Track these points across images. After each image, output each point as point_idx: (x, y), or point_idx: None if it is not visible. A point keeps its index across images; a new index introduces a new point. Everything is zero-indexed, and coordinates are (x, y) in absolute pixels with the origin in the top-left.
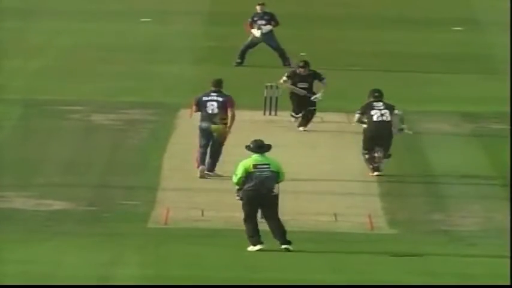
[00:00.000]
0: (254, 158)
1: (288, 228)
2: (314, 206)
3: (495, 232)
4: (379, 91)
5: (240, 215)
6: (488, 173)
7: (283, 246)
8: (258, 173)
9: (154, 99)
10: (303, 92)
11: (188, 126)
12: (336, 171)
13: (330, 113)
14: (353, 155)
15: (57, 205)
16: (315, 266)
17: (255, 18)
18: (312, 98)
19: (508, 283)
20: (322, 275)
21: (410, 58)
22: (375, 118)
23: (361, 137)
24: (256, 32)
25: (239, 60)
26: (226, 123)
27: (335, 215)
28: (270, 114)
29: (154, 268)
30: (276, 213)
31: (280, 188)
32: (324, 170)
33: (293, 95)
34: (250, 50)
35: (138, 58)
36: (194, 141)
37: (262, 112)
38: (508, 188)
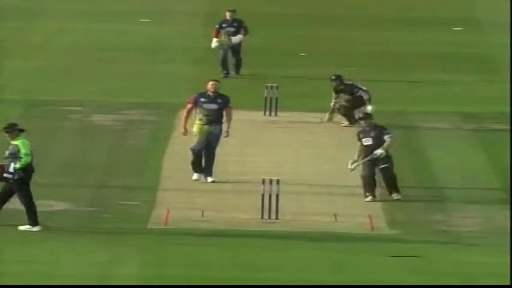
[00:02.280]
0: (23, 138)
1: (288, 228)
2: (314, 206)
3: (495, 232)
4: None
5: (241, 215)
6: (488, 173)
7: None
8: (32, 153)
9: (154, 99)
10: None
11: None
12: (336, 172)
13: None
14: (353, 155)
15: (57, 205)
16: (315, 266)
17: (224, 25)
18: (375, 153)
19: (508, 283)
20: (322, 275)
21: (410, 58)
22: None
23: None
24: (213, 43)
25: (225, 71)
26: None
27: (335, 215)
28: (270, 114)
29: (154, 268)
30: None
31: (281, 189)
32: (324, 170)
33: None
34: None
35: (138, 58)
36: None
37: (262, 112)
38: (508, 189)
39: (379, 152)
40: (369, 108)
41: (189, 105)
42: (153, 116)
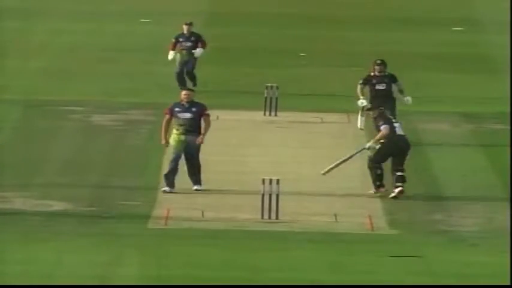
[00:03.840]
0: None
1: (288, 228)
2: (314, 206)
3: (495, 232)
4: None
5: (241, 215)
6: (488, 173)
7: None
8: None
9: (154, 99)
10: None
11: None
12: (336, 172)
13: (330, 113)
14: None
15: (57, 205)
16: (315, 266)
17: (181, 39)
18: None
19: (508, 283)
20: (322, 275)
21: (411, 58)
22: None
23: (359, 137)
24: (170, 55)
25: (181, 86)
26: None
27: (335, 215)
28: (270, 114)
29: (155, 268)
30: None
31: (281, 189)
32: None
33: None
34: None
35: (138, 59)
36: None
37: (262, 112)
38: (508, 188)
39: (367, 145)
40: (409, 99)
41: (166, 116)
42: (153, 116)
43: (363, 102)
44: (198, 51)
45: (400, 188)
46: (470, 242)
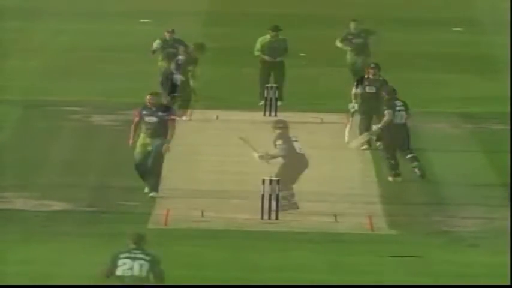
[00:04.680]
0: None
1: (288, 228)
2: (314, 206)
3: (495, 233)
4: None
5: (241, 215)
6: (488, 174)
7: None
8: None
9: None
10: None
11: (187, 126)
12: (336, 172)
13: (329, 113)
14: (353, 155)
15: (57, 206)
16: (315, 266)
17: (164, 46)
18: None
19: (508, 283)
20: (322, 275)
21: (411, 58)
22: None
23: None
24: (155, 44)
25: (168, 94)
26: None
27: (335, 215)
28: (270, 114)
29: None
30: None
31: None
32: (323, 171)
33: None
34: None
35: (138, 59)
36: (193, 141)
37: (262, 113)
38: (508, 189)
39: (373, 127)
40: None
41: (136, 119)
42: None
43: (354, 106)
44: (181, 59)
45: (420, 173)
46: (470, 242)
